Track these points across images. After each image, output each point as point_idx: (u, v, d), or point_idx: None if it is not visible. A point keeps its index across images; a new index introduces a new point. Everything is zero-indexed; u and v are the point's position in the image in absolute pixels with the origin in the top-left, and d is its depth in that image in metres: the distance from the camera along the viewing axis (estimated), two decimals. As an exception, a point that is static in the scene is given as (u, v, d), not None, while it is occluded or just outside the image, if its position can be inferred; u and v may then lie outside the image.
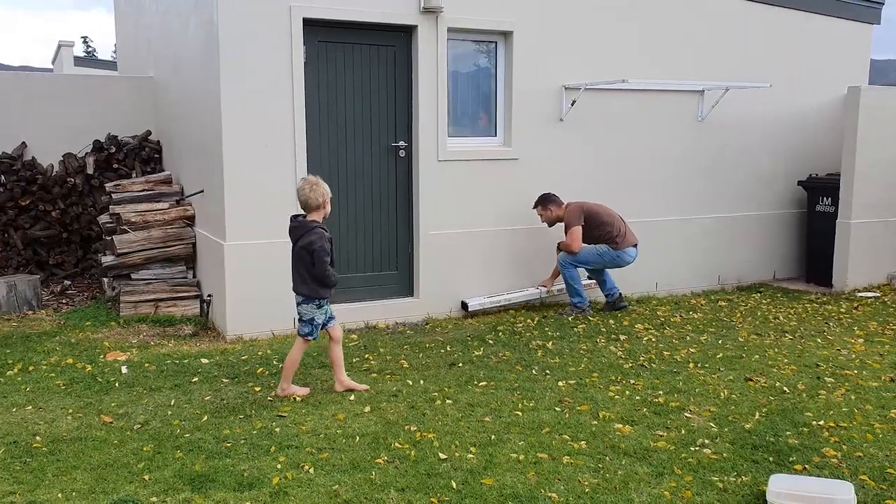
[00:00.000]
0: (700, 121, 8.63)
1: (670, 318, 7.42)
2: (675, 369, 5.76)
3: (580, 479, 3.91)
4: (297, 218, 5.11)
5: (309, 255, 4.97)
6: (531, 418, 4.73)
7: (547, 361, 5.95)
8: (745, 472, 4.00)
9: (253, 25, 6.47)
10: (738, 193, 9.00)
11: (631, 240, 7.58)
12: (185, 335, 6.78)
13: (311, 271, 5.01)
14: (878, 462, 4.12)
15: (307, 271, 5.02)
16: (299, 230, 5.04)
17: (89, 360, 5.91)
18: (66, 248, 8.80)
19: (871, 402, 5.03)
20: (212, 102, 6.68)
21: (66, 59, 19.20)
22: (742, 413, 4.84)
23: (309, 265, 5.00)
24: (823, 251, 8.94)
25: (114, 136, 8.98)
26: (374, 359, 5.99)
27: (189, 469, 4.00)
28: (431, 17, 7.10)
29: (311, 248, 4.96)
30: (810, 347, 6.39)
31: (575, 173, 7.98)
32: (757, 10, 8.85)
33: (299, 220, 5.08)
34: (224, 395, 5.16)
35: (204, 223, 7.49)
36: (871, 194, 8.72)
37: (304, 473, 3.96)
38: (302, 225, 5.05)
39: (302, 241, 4.99)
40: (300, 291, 5.10)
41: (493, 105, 7.72)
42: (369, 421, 4.68)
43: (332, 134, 7.02)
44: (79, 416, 4.77)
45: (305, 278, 5.04)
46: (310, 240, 4.96)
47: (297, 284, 5.10)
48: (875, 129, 8.63)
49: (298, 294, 5.11)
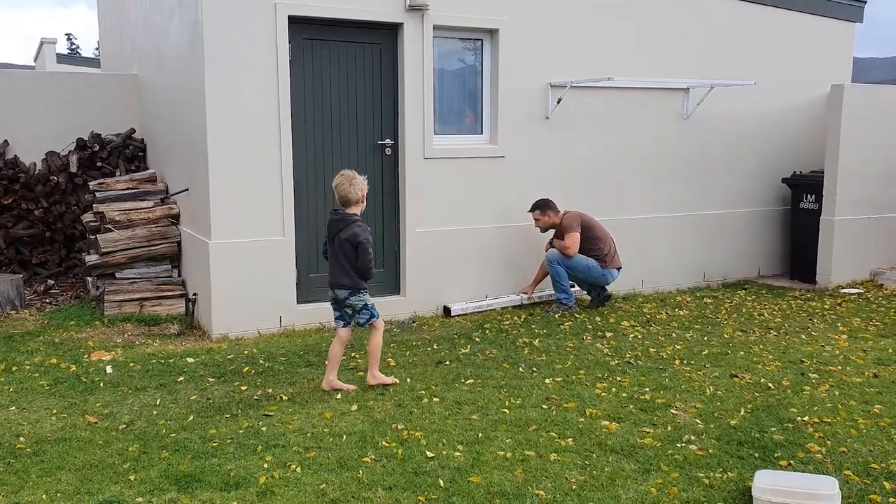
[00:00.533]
0: (685, 118, 8.67)
1: (656, 315, 7.45)
2: (661, 366, 5.78)
3: (567, 476, 3.92)
4: (336, 212, 5.19)
5: (353, 247, 5.09)
6: (518, 416, 4.74)
7: (534, 359, 5.96)
8: (731, 468, 4.02)
9: (237, 23, 6.44)
10: (723, 191, 9.05)
11: (617, 262, 7.65)
12: (170, 334, 6.75)
13: (354, 263, 5.12)
14: (862, 457, 4.15)
15: (349, 263, 5.12)
16: (341, 223, 5.12)
17: (73, 360, 5.87)
18: (50, 248, 8.74)
19: (854, 398, 5.08)
20: (196, 100, 6.64)
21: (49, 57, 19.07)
22: (728, 409, 4.87)
23: (352, 257, 5.11)
24: (807, 248, 9.01)
25: (97, 135, 8.92)
26: (360, 357, 5.98)
27: (175, 469, 3.97)
28: (417, 14, 7.09)
29: (357, 240, 5.07)
30: (795, 343, 6.44)
31: (561, 171, 7.99)
32: (742, 9, 8.89)
33: (340, 214, 5.16)
34: (210, 394, 5.14)
35: (189, 222, 7.45)
36: (855, 191, 8.79)
37: (291, 472, 3.95)
38: (343, 218, 5.13)
39: (344, 233, 5.09)
40: (342, 284, 5.17)
41: (480, 103, 7.73)
42: (356, 419, 4.67)
43: (317, 132, 7.00)
44: (63, 417, 4.73)
45: (348, 270, 5.14)
46: (354, 232, 5.08)
47: (337, 277, 5.17)
48: (858, 126, 8.70)
49: (340, 287, 5.18)
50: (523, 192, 7.71)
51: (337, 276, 5.17)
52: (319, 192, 7.04)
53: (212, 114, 6.44)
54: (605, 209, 8.16)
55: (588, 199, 8.06)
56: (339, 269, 5.15)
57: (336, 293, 5.22)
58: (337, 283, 5.18)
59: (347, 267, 5.13)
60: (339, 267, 5.15)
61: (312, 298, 7.04)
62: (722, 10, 8.78)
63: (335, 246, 5.15)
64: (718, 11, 8.76)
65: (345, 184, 5.13)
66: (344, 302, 5.21)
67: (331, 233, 5.18)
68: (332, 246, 5.18)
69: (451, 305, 7.46)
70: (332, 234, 5.17)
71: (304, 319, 6.91)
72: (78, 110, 9.09)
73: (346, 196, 5.13)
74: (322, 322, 6.97)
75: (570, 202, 7.83)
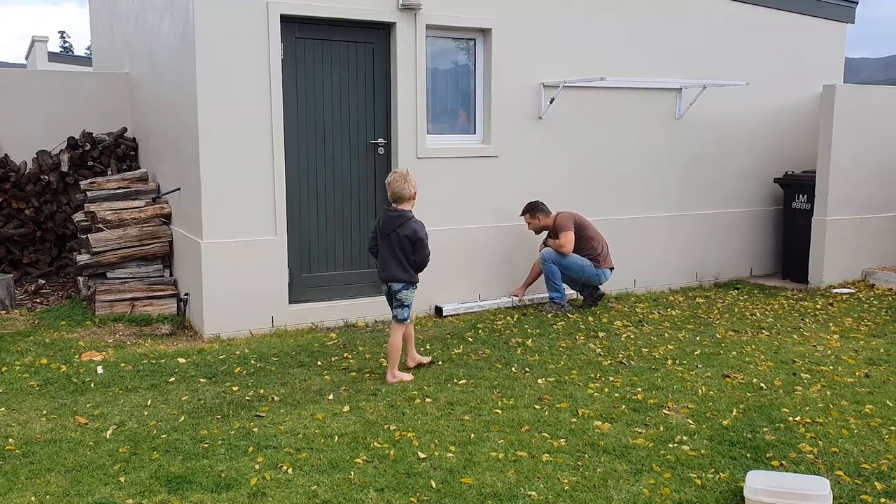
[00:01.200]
0: (678, 118, 8.67)
1: (649, 315, 7.46)
2: (654, 366, 5.79)
3: (560, 476, 3.91)
4: (390, 209, 5.39)
5: (411, 243, 5.31)
6: (511, 416, 4.73)
7: (526, 359, 5.96)
8: (723, 469, 4.02)
9: (229, 21, 6.41)
10: (716, 190, 9.06)
11: (610, 262, 7.66)
12: (161, 334, 6.72)
13: (411, 258, 5.35)
14: (854, 457, 4.16)
15: (406, 258, 5.34)
16: (397, 220, 5.32)
17: (64, 361, 5.83)
18: (41, 247, 8.68)
19: (846, 398, 5.09)
20: (188, 99, 6.61)
21: (41, 55, 18.95)
22: (720, 409, 4.87)
23: (409, 252, 5.33)
24: (799, 248, 9.03)
25: (89, 133, 8.87)
26: (352, 357, 5.97)
27: (166, 470, 3.95)
28: (410, 13, 7.07)
29: (416, 236, 5.31)
30: (787, 344, 6.45)
31: (554, 170, 7.99)
32: (735, 9, 8.90)
33: (396, 211, 5.36)
34: (201, 395, 5.12)
35: (181, 221, 7.42)
36: (846, 192, 8.81)
37: (283, 474, 3.93)
38: (400, 215, 5.34)
39: (402, 230, 5.29)
40: (398, 278, 5.35)
41: (473, 102, 7.72)
42: (348, 420, 4.66)
43: (310, 131, 6.97)
44: (53, 418, 4.71)
45: (404, 265, 5.35)
46: (413, 228, 5.31)
47: (394, 272, 5.35)
48: (850, 127, 8.73)
49: (396, 281, 5.36)
50: (516, 192, 7.71)
51: (393, 270, 5.35)
52: (312, 192, 7.02)
53: (203, 113, 6.41)
54: (598, 209, 8.16)
55: (580, 198, 8.06)
56: (396, 264, 5.33)
57: (390, 286, 5.41)
58: (392, 277, 5.36)
59: (404, 261, 5.34)
60: (395, 262, 5.33)
61: (304, 298, 7.03)
62: (715, 10, 8.79)
63: (391, 241, 5.33)
64: (711, 12, 8.77)
65: (399, 181, 5.34)
66: (396, 295, 5.40)
67: (385, 229, 5.34)
68: (386, 241, 5.35)
69: (443, 305, 7.46)
70: (387, 231, 5.33)
71: (296, 319, 6.89)
72: (69, 109, 9.03)
73: (399, 192, 5.33)
74: (314, 322, 6.95)
75: (563, 202, 7.83)
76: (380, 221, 5.44)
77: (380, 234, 5.40)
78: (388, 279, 5.39)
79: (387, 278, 5.40)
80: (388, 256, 5.35)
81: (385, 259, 5.37)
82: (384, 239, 5.36)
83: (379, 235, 5.40)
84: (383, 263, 5.40)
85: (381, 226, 5.39)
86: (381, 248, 5.40)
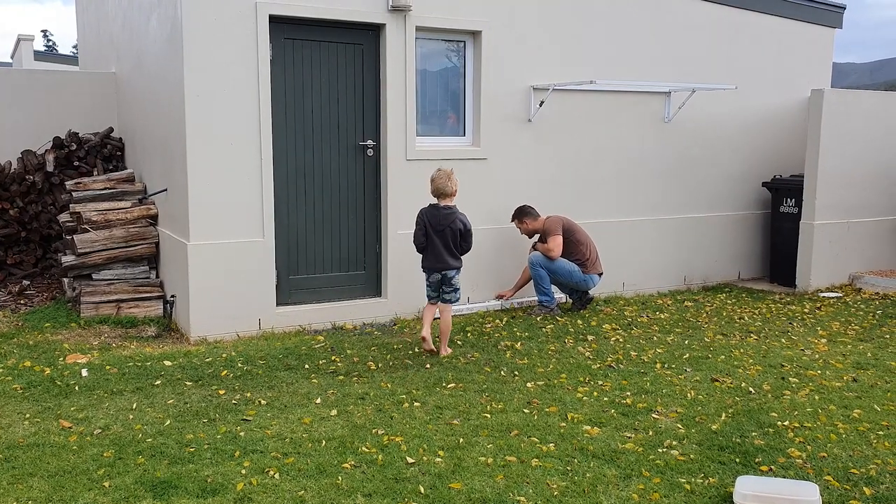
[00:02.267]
0: (666, 122, 8.68)
1: (637, 318, 7.45)
2: (643, 370, 5.78)
3: (549, 481, 3.89)
4: (437, 206, 6.04)
5: (462, 234, 6.04)
6: (500, 420, 4.71)
7: (515, 362, 5.93)
8: (712, 474, 4.01)
9: (217, 22, 6.36)
10: (704, 194, 9.08)
11: (598, 267, 7.65)
12: (147, 337, 6.66)
13: (462, 246, 6.08)
14: (842, 462, 4.16)
15: (457, 247, 6.07)
16: (449, 216, 6.02)
17: (48, 363, 5.76)
18: (25, 248, 8.60)
19: (834, 403, 5.09)
20: (175, 99, 6.56)
21: (26, 54, 18.81)
22: (709, 414, 4.87)
23: (459, 242, 6.06)
24: (787, 252, 9.06)
25: (75, 133, 8.79)
26: (340, 360, 5.92)
27: (151, 475, 3.91)
28: (399, 15, 7.05)
29: (467, 227, 6.07)
30: (775, 348, 6.46)
31: (543, 173, 7.98)
32: (723, 13, 8.92)
33: (447, 208, 6.03)
34: (188, 398, 5.06)
35: (167, 222, 7.36)
36: (834, 196, 8.85)
37: (269, 479, 3.89)
38: (451, 211, 6.04)
39: (454, 224, 6.02)
40: (452, 265, 6.06)
41: (462, 104, 7.70)
42: (336, 424, 4.62)
43: (298, 132, 6.93)
44: (36, 422, 4.64)
45: (455, 253, 6.08)
46: (463, 221, 6.07)
47: (448, 261, 6.04)
48: (838, 131, 8.76)
49: (450, 269, 6.05)
50: (505, 194, 7.69)
51: (448, 260, 6.05)
52: (300, 193, 6.98)
53: (191, 113, 6.36)
54: (587, 212, 8.16)
55: (570, 201, 8.06)
56: (449, 254, 6.05)
57: (444, 273, 6.07)
58: (448, 266, 6.05)
59: (455, 251, 6.07)
60: (448, 252, 6.04)
61: (292, 301, 6.98)
62: (703, 14, 8.80)
63: (445, 235, 6.01)
64: (700, 15, 8.78)
65: (443, 178, 6.00)
66: (450, 280, 6.08)
67: (440, 225, 6.01)
68: (440, 236, 6.00)
69: (431, 308, 7.42)
70: (441, 226, 6.00)
71: (283, 322, 6.84)
72: (55, 109, 8.96)
73: (443, 189, 6.00)
74: (302, 325, 6.91)
75: (552, 205, 7.82)
76: (427, 219, 6.04)
77: (432, 230, 6.01)
78: (444, 268, 6.04)
79: (442, 268, 6.04)
80: (442, 248, 6.01)
81: (438, 251, 6.02)
82: (438, 234, 6.00)
83: (431, 231, 6.01)
84: (437, 255, 6.03)
85: (433, 222, 6.01)
86: (433, 243, 6.02)
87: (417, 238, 6.11)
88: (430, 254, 6.05)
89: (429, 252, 6.06)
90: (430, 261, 6.07)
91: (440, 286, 6.11)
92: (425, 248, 6.07)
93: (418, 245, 6.12)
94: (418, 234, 6.10)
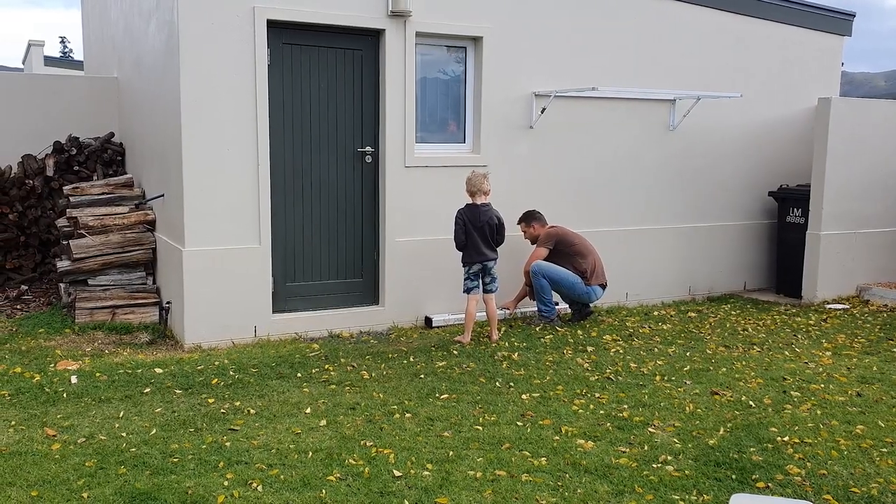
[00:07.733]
0: (671, 130, 8.57)
1: (639, 329, 7.33)
2: (642, 382, 5.66)
3: (538, 497, 3.79)
4: (476, 205, 6.68)
5: (497, 227, 6.72)
6: (491, 433, 4.60)
7: (511, 373, 5.83)
8: (707, 491, 3.90)
9: (215, 26, 6.31)
10: (709, 203, 8.95)
11: (601, 279, 7.50)
12: (141, 343, 6.59)
13: (497, 239, 6.76)
14: (843, 480, 4.03)
15: (494, 240, 6.74)
16: (487, 213, 6.69)
17: (38, 370, 5.70)
18: (24, 252, 8.56)
19: (836, 418, 4.96)
20: (172, 104, 6.51)
21: (36, 59, 18.88)
22: (707, 428, 4.75)
23: (495, 234, 6.73)
24: (793, 262, 8.91)
25: (75, 138, 8.76)
26: (333, 369, 5.83)
27: (131, 486, 3.82)
28: (399, 21, 6.98)
29: (501, 221, 6.77)
30: (778, 360, 6.33)
31: (544, 181, 7.88)
32: (730, 21, 8.81)
33: (484, 206, 6.70)
34: (176, 406, 4.98)
35: (164, 228, 7.30)
36: (842, 206, 8.71)
37: (252, 491, 3.80)
38: (488, 208, 6.71)
39: (491, 219, 6.69)
40: (491, 256, 6.74)
41: (462, 111, 7.61)
42: (324, 435, 4.53)
43: (296, 138, 6.86)
44: (21, 429, 4.57)
45: (493, 246, 6.76)
46: (498, 216, 6.76)
47: (488, 252, 6.71)
48: (845, 140, 8.63)
49: (489, 259, 6.73)
50: (506, 203, 7.56)
51: (489, 251, 6.72)
52: (297, 200, 6.91)
53: (187, 118, 6.31)
54: (590, 220, 8.05)
55: (572, 210, 7.96)
56: (487, 246, 6.71)
57: (486, 264, 6.72)
58: (487, 257, 6.71)
59: (492, 243, 6.74)
60: (488, 244, 6.71)
61: (289, 308, 6.91)
62: (710, 21, 8.70)
63: (484, 230, 6.66)
64: (706, 23, 8.68)
65: (479, 177, 6.69)
66: (489, 271, 6.76)
67: (479, 221, 6.64)
68: (480, 231, 6.65)
69: (432, 316, 7.33)
70: (480, 222, 6.64)
71: (279, 329, 6.77)
72: (56, 113, 8.94)
73: (479, 187, 6.66)
74: (298, 332, 6.83)
75: (554, 213, 7.72)
76: (467, 217, 6.66)
77: (472, 227, 6.64)
78: (485, 259, 6.70)
79: (486, 259, 6.70)
80: (481, 242, 6.67)
81: (478, 245, 6.67)
82: (477, 229, 6.65)
83: (471, 227, 6.64)
84: (477, 249, 6.67)
85: (473, 219, 6.64)
86: (473, 238, 6.65)
87: (458, 236, 6.70)
88: (471, 248, 6.68)
89: (469, 247, 6.69)
90: (471, 255, 6.70)
91: (479, 276, 6.75)
92: (465, 244, 6.68)
93: (458, 243, 6.72)
94: (458, 232, 6.68)
